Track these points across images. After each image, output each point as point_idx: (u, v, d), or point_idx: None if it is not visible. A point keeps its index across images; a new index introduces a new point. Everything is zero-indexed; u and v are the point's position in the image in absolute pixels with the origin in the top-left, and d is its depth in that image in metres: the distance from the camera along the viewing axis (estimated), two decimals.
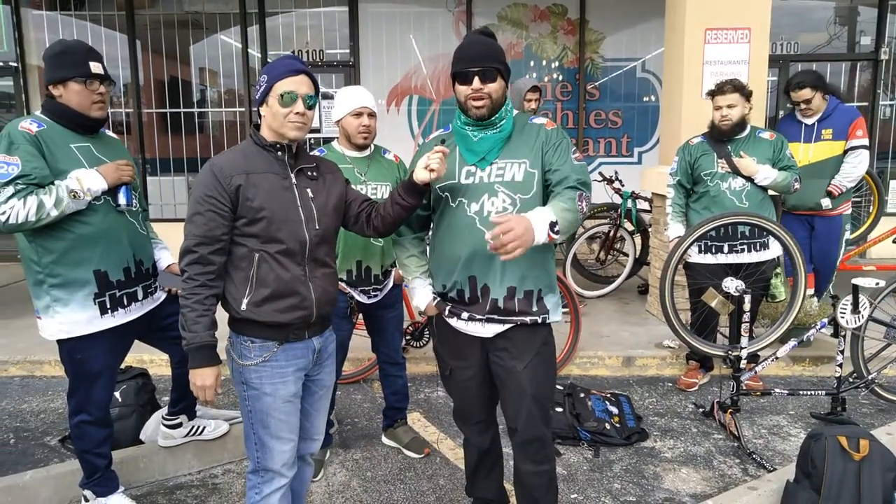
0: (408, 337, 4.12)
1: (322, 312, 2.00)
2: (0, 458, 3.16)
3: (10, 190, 2.13)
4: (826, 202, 4.17)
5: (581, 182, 2.00)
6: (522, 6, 7.16)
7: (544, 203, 2.00)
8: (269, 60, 7.22)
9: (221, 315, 1.86)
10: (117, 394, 3.04)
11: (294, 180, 1.95)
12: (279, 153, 1.94)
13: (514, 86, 4.38)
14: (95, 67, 2.33)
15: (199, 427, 2.98)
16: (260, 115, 1.95)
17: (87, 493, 2.56)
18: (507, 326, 2.07)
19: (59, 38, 7.10)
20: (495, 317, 2.05)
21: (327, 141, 7.26)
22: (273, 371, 1.93)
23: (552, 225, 1.82)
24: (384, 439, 3.25)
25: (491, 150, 2.06)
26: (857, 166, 4.10)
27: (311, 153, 2.88)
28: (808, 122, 4.16)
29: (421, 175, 1.94)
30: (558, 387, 3.48)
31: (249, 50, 7.19)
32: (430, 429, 3.42)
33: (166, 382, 3.62)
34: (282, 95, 1.87)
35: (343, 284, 2.83)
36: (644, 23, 7.08)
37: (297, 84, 1.89)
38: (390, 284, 2.96)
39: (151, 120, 7.37)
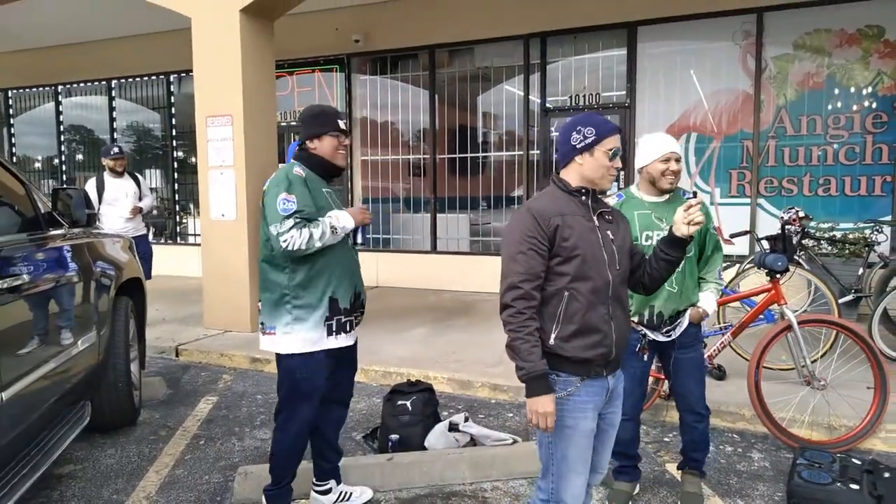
0: None
1: (619, 351, 2.08)
2: None
3: (290, 222, 2.58)
4: None
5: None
6: (825, 31, 6.48)
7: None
8: (548, 105, 7.66)
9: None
10: (408, 403, 3.50)
11: (596, 223, 2.07)
12: (583, 197, 2.08)
13: None
14: (343, 124, 2.81)
15: (346, 493, 3.02)
16: (564, 163, 2.12)
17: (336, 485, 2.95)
18: None
19: (377, 95, 8.53)
20: None
21: None
22: (574, 405, 2.02)
23: None
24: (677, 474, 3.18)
25: None
26: None
27: (608, 196, 3.03)
28: None
29: (683, 230, 2.08)
30: (856, 461, 3.03)
31: (530, 96, 7.72)
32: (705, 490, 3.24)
33: (445, 399, 4.07)
34: (610, 150, 2.05)
35: (635, 322, 2.83)
36: None
37: (616, 142, 2.07)
38: (685, 323, 2.86)
39: (443, 164, 8.34)
